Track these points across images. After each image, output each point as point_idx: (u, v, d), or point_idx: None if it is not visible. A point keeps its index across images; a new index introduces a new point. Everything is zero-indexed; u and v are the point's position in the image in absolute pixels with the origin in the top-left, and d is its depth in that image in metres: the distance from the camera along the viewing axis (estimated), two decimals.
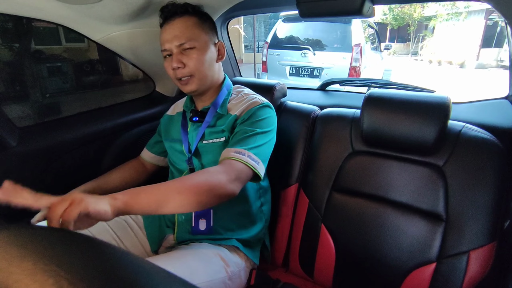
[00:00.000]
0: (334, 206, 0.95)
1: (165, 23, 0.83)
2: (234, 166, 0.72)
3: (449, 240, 0.78)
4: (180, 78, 0.82)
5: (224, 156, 0.75)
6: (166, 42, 0.81)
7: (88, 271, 0.11)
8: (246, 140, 0.77)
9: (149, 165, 1.06)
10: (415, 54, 17.45)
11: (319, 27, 4.16)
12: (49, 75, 5.64)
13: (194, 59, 0.81)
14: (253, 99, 0.88)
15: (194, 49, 0.81)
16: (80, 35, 1.00)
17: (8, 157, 0.85)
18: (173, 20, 0.82)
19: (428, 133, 0.80)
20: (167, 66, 0.84)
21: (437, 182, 0.81)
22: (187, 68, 0.81)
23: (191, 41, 0.81)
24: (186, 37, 0.80)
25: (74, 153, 1.01)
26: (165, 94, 1.38)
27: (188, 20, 0.82)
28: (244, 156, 0.74)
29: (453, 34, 13.65)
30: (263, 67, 4.52)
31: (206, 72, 0.84)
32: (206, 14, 0.87)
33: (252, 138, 0.78)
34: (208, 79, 0.86)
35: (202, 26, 0.84)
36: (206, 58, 0.83)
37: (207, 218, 0.86)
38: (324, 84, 1.43)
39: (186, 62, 0.81)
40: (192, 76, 0.82)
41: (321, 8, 0.95)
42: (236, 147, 0.76)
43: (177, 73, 0.82)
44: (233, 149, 0.75)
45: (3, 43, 4.85)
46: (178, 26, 0.81)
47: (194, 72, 0.82)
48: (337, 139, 0.98)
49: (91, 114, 1.11)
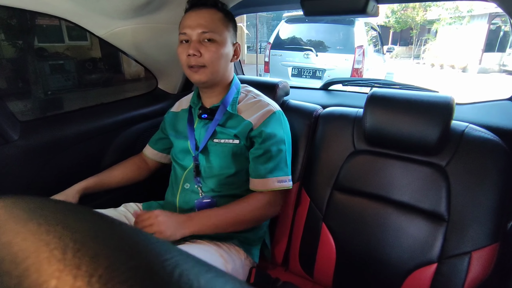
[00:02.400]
0: (336, 205, 0.94)
1: (192, 9, 0.82)
2: (280, 195, 0.88)
3: (451, 241, 0.78)
4: (193, 65, 0.82)
5: (270, 186, 0.85)
6: (188, 27, 0.80)
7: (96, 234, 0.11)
8: (280, 163, 0.86)
9: (151, 162, 1.06)
10: (418, 58, 17.44)
11: (322, 29, 4.16)
12: (51, 73, 5.66)
13: (211, 52, 0.80)
14: (266, 107, 0.88)
15: (214, 42, 0.81)
16: (83, 30, 1.00)
17: (10, 150, 0.85)
18: (200, 9, 0.81)
19: (431, 133, 0.80)
20: (181, 52, 0.83)
21: (439, 182, 0.81)
22: (202, 58, 0.80)
23: (214, 33, 0.80)
24: (209, 27, 0.80)
25: (76, 148, 1.01)
26: (167, 91, 1.37)
27: (215, 14, 0.82)
28: (285, 182, 0.86)
29: (456, 38, 13.63)
30: (265, 68, 4.52)
31: (219, 67, 0.84)
32: (231, 14, 0.87)
33: (283, 159, 0.87)
34: (219, 74, 0.85)
35: (226, 24, 0.84)
36: (222, 53, 0.83)
37: None
38: (326, 84, 1.43)
39: (203, 52, 0.80)
40: (204, 67, 0.82)
41: (325, 7, 0.95)
42: (277, 175, 0.85)
43: (191, 60, 0.81)
44: (275, 178, 0.85)
45: (7, 40, 4.87)
46: (204, 16, 0.81)
47: (208, 63, 0.81)
48: (339, 138, 0.97)
49: (93, 110, 1.11)
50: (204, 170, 0.87)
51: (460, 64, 12.77)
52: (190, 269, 0.10)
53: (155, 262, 0.10)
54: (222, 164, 0.86)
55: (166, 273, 0.10)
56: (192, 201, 0.87)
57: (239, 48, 0.90)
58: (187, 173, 0.89)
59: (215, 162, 0.86)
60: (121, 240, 0.11)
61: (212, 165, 0.86)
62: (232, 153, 0.85)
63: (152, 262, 0.10)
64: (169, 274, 0.10)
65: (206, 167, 0.87)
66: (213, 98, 0.90)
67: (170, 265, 0.10)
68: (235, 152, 0.85)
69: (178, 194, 0.89)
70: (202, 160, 0.87)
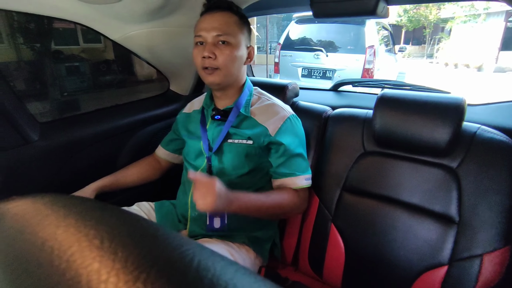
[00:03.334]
0: (345, 206, 0.95)
1: (207, 12, 0.84)
2: (307, 193, 0.94)
3: (462, 243, 0.77)
4: (207, 67, 0.83)
5: (300, 184, 0.89)
6: (204, 30, 0.82)
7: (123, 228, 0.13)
8: (303, 163, 0.91)
9: (163, 162, 1.09)
10: (431, 57, 17.11)
11: (332, 29, 4.14)
12: (67, 75, 5.82)
13: (226, 55, 0.82)
14: (280, 112, 0.89)
15: (228, 45, 0.82)
16: (99, 35, 1.04)
17: (30, 150, 0.89)
18: (215, 12, 0.83)
19: (441, 134, 0.79)
20: (196, 54, 0.84)
21: (450, 184, 0.80)
22: (216, 60, 0.82)
23: (228, 36, 0.82)
24: (224, 30, 0.81)
25: (92, 148, 1.05)
26: (179, 93, 1.40)
27: (230, 17, 0.83)
28: (309, 180, 0.91)
29: (471, 36, 13.31)
30: (275, 68, 4.53)
31: (232, 70, 0.85)
32: (246, 17, 0.89)
33: (305, 159, 0.92)
34: (233, 77, 0.87)
35: (241, 27, 0.85)
36: (236, 56, 0.84)
37: (221, 216, 0.88)
38: (336, 85, 1.43)
39: (217, 55, 0.82)
40: (218, 69, 0.83)
41: (334, 9, 0.96)
42: (303, 173, 0.89)
43: (206, 62, 0.82)
44: (303, 176, 0.89)
45: (26, 43, 5.04)
46: (219, 19, 0.82)
47: (222, 66, 0.83)
48: (349, 139, 0.98)
49: (108, 111, 1.14)
50: (216, 170, 0.88)
51: (475, 63, 12.46)
52: (207, 258, 0.12)
53: (175, 252, 0.12)
54: (235, 164, 0.87)
55: (186, 261, 0.12)
56: None
57: (253, 51, 0.91)
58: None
59: (227, 162, 0.87)
60: (143, 233, 0.13)
61: (224, 165, 0.88)
62: (245, 154, 0.87)
63: (172, 252, 0.12)
64: (189, 262, 0.12)
65: (219, 167, 0.88)
66: (226, 100, 0.91)
67: (189, 255, 0.12)
68: (248, 153, 0.87)
69: (190, 194, 0.91)
70: (215, 160, 0.88)
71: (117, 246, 0.12)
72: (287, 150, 0.87)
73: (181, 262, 0.12)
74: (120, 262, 0.11)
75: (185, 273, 0.12)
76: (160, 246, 0.13)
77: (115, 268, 0.11)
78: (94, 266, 0.11)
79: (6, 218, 0.13)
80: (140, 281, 0.11)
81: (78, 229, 0.13)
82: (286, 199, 0.86)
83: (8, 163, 0.83)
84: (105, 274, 0.11)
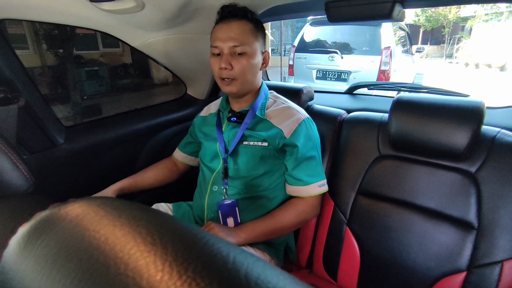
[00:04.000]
0: (360, 209, 0.95)
1: (222, 21, 0.84)
2: (320, 199, 0.92)
3: (481, 249, 0.76)
4: (224, 78, 0.85)
5: (312, 192, 0.89)
6: (219, 40, 0.82)
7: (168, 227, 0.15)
8: (317, 168, 0.91)
9: (181, 164, 1.12)
10: (450, 57, 16.63)
11: (347, 30, 4.11)
12: (87, 79, 6.04)
13: (242, 64, 0.83)
14: (295, 114, 0.90)
15: (245, 55, 0.83)
16: (120, 41, 1.08)
17: (57, 153, 0.94)
18: (231, 21, 0.83)
19: (459, 138, 0.78)
20: (213, 63, 0.86)
21: (468, 189, 0.79)
22: (233, 71, 0.83)
23: (244, 46, 0.82)
24: (240, 41, 0.82)
25: (113, 151, 1.09)
26: (195, 97, 1.44)
27: (245, 25, 0.83)
28: (324, 186, 0.91)
29: (493, 35, 12.85)
30: (290, 71, 4.53)
31: (249, 78, 0.86)
32: (261, 23, 0.89)
33: (319, 164, 0.92)
34: (249, 84, 0.88)
35: (256, 34, 0.86)
36: (252, 65, 0.85)
37: (234, 216, 0.90)
38: (351, 88, 1.42)
39: (234, 65, 0.83)
40: (235, 79, 0.84)
41: (349, 13, 0.96)
42: (317, 180, 0.89)
43: (223, 73, 0.84)
44: (316, 184, 0.89)
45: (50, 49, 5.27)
46: (234, 28, 0.82)
47: (239, 76, 0.84)
48: (364, 143, 0.97)
49: (128, 115, 1.19)
50: (231, 172, 0.90)
51: (497, 63, 12.01)
52: (239, 254, 0.14)
53: (213, 247, 0.14)
54: (250, 166, 0.89)
55: (223, 256, 0.14)
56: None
57: (268, 56, 0.93)
58: (215, 175, 0.92)
59: (243, 164, 0.89)
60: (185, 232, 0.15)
61: (239, 167, 0.89)
62: (260, 155, 0.88)
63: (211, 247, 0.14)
64: (226, 257, 0.14)
65: (234, 168, 0.90)
66: (243, 103, 0.93)
67: (225, 250, 0.14)
68: (263, 155, 0.88)
69: (206, 196, 0.93)
70: (230, 162, 0.90)
71: (167, 242, 0.14)
72: (301, 152, 0.88)
73: (220, 256, 0.14)
74: (171, 256, 0.14)
75: (224, 265, 0.14)
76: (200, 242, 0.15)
77: (168, 260, 0.13)
78: (150, 258, 0.13)
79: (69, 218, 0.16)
80: (190, 271, 0.13)
81: (132, 227, 0.15)
82: (296, 212, 0.88)
83: (37, 165, 0.88)
84: (161, 265, 0.13)
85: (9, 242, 0.16)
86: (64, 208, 0.16)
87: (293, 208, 0.89)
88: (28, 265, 0.14)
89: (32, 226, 0.16)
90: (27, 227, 0.16)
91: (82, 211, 0.16)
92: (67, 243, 0.15)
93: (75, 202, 0.17)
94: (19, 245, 0.15)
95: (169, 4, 0.87)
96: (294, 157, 0.88)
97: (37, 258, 0.14)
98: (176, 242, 0.14)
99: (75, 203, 0.17)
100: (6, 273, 0.15)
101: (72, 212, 0.16)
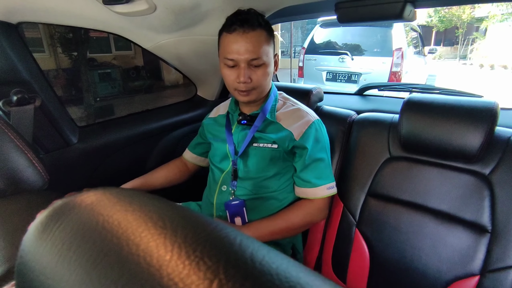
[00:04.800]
0: (369, 211, 0.94)
1: (237, 31, 0.78)
2: (328, 201, 0.91)
3: (495, 253, 0.74)
4: (242, 90, 0.83)
5: (320, 194, 0.88)
6: (236, 53, 0.79)
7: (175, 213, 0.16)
8: (326, 170, 0.90)
9: (190, 165, 1.13)
10: (464, 58, 16.30)
11: (358, 32, 4.08)
12: (100, 81, 6.17)
13: (260, 75, 0.82)
14: (305, 116, 0.90)
15: (263, 65, 0.81)
16: (132, 44, 1.10)
17: (70, 153, 0.96)
18: (246, 32, 0.78)
19: (472, 139, 0.77)
20: (228, 75, 0.83)
21: (482, 191, 0.78)
22: (252, 83, 0.82)
23: (262, 57, 0.80)
24: (258, 53, 0.79)
25: (124, 151, 1.11)
26: (206, 98, 1.46)
27: (261, 35, 0.80)
28: (333, 189, 0.90)
29: (509, 36, 12.54)
30: (299, 73, 4.52)
31: (265, 85, 0.86)
32: (272, 29, 0.86)
33: (328, 166, 0.91)
34: (265, 90, 0.89)
35: (269, 41, 0.83)
36: (269, 73, 0.84)
37: (241, 215, 0.90)
38: (361, 89, 1.41)
39: (252, 77, 0.81)
40: (253, 89, 0.84)
41: (360, 13, 0.96)
42: (326, 182, 0.89)
43: (241, 86, 0.82)
44: (325, 186, 0.88)
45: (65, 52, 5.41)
46: (252, 40, 0.78)
47: (257, 86, 0.83)
48: (374, 144, 0.97)
49: (139, 116, 1.21)
50: (241, 173, 0.91)
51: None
52: (246, 239, 0.15)
53: (221, 232, 0.15)
54: (259, 167, 0.89)
55: (230, 239, 0.15)
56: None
57: (278, 58, 0.92)
58: (225, 175, 0.93)
59: (252, 166, 0.89)
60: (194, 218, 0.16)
61: (249, 168, 0.90)
62: (270, 157, 0.88)
63: (220, 232, 0.15)
64: (233, 240, 0.15)
65: (244, 170, 0.90)
66: (253, 106, 0.93)
67: (232, 235, 0.15)
68: (273, 156, 0.89)
69: (215, 195, 0.94)
70: (240, 163, 0.91)
71: (177, 226, 0.15)
72: (311, 154, 0.88)
73: (228, 239, 0.15)
74: (180, 238, 0.15)
75: (231, 246, 0.14)
76: (209, 227, 0.16)
77: (177, 242, 0.14)
78: (160, 240, 0.14)
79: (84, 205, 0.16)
80: (198, 251, 0.14)
81: (143, 213, 0.16)
82: (303, 213, 0.88)
83: (52, 163, 0.91)
84: (170, 246, 0.14)
85: (27, 228, 0.17)
86: (80, 196, 0.17)
87: (300, 209, 0.89)
88: (46, 248, 0.15)
89: (50, 212, 0.17)
90: (45, 213, 0.17)
91: (97, 198, 0.17)
92: (82, 227, 0.15)
93: (90, 191, 0.18)
94: (37, 230, 0.16)
95: (180, 5, 0.88)
96: (303, 159, 0.88)
97: (54, 241, 0.15)
98: (185, 227, 0.15)
99: (90, 192, 0.18)
100: (25, 256, 0.16)
101: (87, 200, 0.17)
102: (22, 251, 0.16)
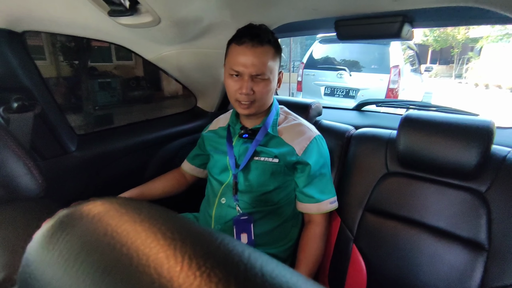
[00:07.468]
0: (367, 227, 0.93)
1: (245, 44, 0.80)
2: (330, 214, 0.95)
3: (492, 271, 0.74)
4: (242, 101, 0.84)
5: (324, 209, 0.91)
6: (242, 66, 0.80)
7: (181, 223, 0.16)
8: (328, 185, 0.93)
9: (189, 176, 1.12)
10: (459, 77, 16.60)
11: (356, 49, 4.16)
12: (100, 89, 6.19)
13: (262, 89, 0.83)
14: (307, 132, 0.91)
15: (266, 80, 0.83)
16: (134, 54, 1.12)
17: (68, 160, 0.96)
18: (255, 46, 0.80)
19: (469, 157, 0.78)
20: (231, 85, 0.84)
21: (478, 209, 0.78)
22: (254, 95, 0.83)
23: (266, 73, 0.82)
24: (263, 69, 0.81)
25: (123, 160, 1.11)
26: (205, 110, 1.46)
27: (269, 51, 0.82)
28: (335, 203, 0.93)
29: (503, 56, 12.83)
30: (298, 87, 4.58)
31: (267, 100, 0.87)
32: (280, 46, 0.87)
33: (329, 181, 0.93)
34: (266, 105, 0.89)
35: (276, 58, 0.84)
36: (272, 88, 0.86)
37: (248, 232, 0.88)
38: (359, 104, 1.43)
39: (254, 90, 0.82)
40: (254, 101, 0.84)
41: (359, 31, 0.98)
42: (328, 197, 0.91)
43: (242, 97, 0.83)
44: (327, 201, 0.91)
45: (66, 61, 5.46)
46: (259, 55, 0.80)
47: (258, 99, 0.84)
48: (372, 159, 0.97)
49: (138, 125, 1.21)
50: (242, 186, 0.90)
51: (508, 84, 11.94)
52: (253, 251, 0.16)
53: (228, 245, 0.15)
54: (261, 181, 0.88)
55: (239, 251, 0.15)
56: (228, 216, 0.90)
57: (282, 75, 0.93)
58: (224, 188, 0.92)
59: (253, 179, 0.89)
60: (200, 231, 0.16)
61: (250, 182, 0.89)
62: (271, 171, 0.88)
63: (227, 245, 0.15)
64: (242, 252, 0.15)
65: (244, 184, 0.90)
66: (254, 120, 0.93)
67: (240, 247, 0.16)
68: (274, 171, 0.88)
69: (214, 208, 0.93)
70: (241, 177, 0.90)
71: (186, 238, 0.15)
72: (313, 170, 0.88)
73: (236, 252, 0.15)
74: (190, 249, 0.15)
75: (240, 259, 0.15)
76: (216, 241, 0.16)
77: (187, 253, 0.14)
78: (170, 251, 0.15)
79: (92, 215, 0.17)
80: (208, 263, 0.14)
81: (152, 224, 0.16)
82: (318, 240, 0.90)
83: (49, 171, 0.90)
84: (180, 257, 0.14)
85: (33, 237, 0.17)
86: (86, 206, 0.17)
87: (315, 237, 0.90)
88: (52, 258, 0.15)
89: (56, 221, 0.17)
90: (50, 222, 0.17)
91: (104, 208, 0.17)
92: (90, 237, 0.15)
93: (97, 200, 0.18)
94: (43, 239, 0.16)
95: (184, 19, 0.90)
96: (306, 174, 0.88)
97: (61, 251, 0.15)
98: (194, 239, 0.15)
99: (97, 201, 0.18)
100: (30, 265, 0.16)
101: (94, 209, 0.17)
102: (27, 260, 0.16)
